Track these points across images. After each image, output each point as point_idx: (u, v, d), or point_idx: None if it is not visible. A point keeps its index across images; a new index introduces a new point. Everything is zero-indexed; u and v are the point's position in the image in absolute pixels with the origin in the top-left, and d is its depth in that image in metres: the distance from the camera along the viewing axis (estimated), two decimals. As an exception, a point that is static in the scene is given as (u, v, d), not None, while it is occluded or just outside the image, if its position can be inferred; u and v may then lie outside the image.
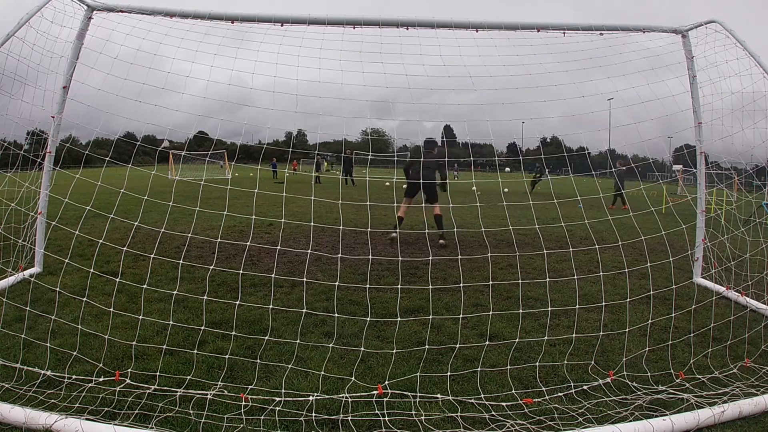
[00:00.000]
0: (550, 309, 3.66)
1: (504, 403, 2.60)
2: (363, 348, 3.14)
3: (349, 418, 2.42)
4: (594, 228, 7.84)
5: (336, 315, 3.47)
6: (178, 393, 2.59)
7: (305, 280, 4.18)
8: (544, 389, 2.76)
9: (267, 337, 3.20)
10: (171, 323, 3.29)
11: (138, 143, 3.82)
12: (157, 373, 2.77)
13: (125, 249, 3.75)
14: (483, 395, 2.67)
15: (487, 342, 3.28)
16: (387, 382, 2.78)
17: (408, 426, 2.38)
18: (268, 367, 2.95)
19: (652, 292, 3.96)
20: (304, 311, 3.51)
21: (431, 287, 4.22)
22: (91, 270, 3.70)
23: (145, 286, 3.47)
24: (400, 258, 5.46)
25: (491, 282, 4.26)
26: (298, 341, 3.18)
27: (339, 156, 25.90)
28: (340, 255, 5.24)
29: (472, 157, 6.63)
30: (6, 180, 4.14)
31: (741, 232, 4.39)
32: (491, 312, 3.73)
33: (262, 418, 2.40)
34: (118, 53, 4.07)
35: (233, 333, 3.27)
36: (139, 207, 3.90)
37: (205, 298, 3.54)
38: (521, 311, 3.70)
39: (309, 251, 5.10)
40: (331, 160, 38.04)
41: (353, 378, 2.82)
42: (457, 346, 3.19)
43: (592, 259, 6.12)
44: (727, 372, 3.02)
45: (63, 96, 4.44)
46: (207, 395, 2.57)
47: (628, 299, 3.76)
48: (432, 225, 7.35)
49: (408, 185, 7.40)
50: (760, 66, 4.00)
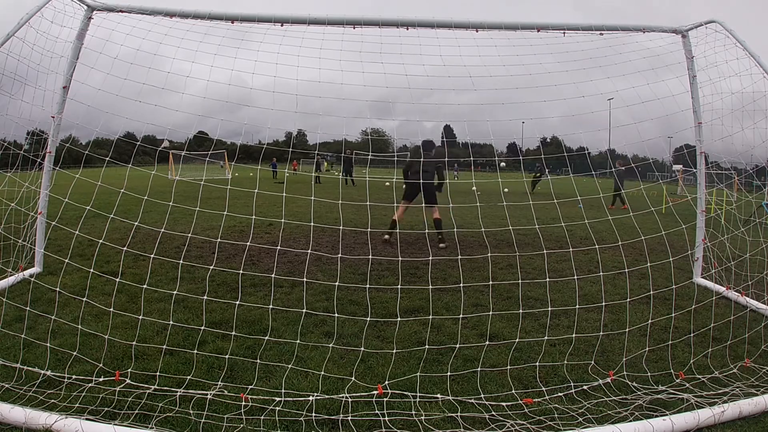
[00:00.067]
0: (550, 309, 3.66)
1: (504, 403, 2.60)
2: (363, 348, 3.13)
3: (349, 418, 2.42)
4: (594, 228, 7.85)
5: (336, 315, 3.47)
6: (178, 393, 2.59)
7: (305, 280, 4.17)
8: (544, 389, 2.76)
9: (267, 337, 3.20)
10: (171, 323, 3.29)
11: (138, 143, 3.82)
12: (157, 373, 2.77)
13: (125, 249, 3.75)
14: (483, 395, 2.67)
15: (487, 342, 3.28)
16: (387, 382, 2.78)
17: (408, 426, 2.38)
18: (268, 367, 2.95)
19: (652, 292, 3.96)
20: (304, 311, 3.51)
21: (431, 287, 4.21)
22: (91, 270, 3.70)
23: (145, 286, 3.47)
24: (400, 258, 5.46)
25: (491, 282, 4.26)
26: (298, 341, 3.18)
27: (339, 156, 25.90)
28: (340, 255, 5.25)
29: (472, 157, 6.64)
30: (6, 180, 4.14)
31: (741, 232, 4.39)
32: (491, 312, 3.73)
33: (262, 418, 2.40)
34: (118, 53, 4.07)
35: (233, 333, 3.26)
36: (139, 207, 3.90)
37: (205, 298, 3.54)
38: (521, 311, 3.70)
39: (309, 251, 5.10)
40: (331, 160, 38.05)
41: (353, 378, 2.82)
42: (457, 346, 3.19)
43: (592, 259, 6.12)
44: (727, 372, 3.02)
45: (63, 96, 4.44)
46: (207, 395, 2.57)
47: (628, 299, 3.76)
48: (432, 226, 7.35)
49: (407, 188, 7.38)
50: (760, 66, 4.00)
